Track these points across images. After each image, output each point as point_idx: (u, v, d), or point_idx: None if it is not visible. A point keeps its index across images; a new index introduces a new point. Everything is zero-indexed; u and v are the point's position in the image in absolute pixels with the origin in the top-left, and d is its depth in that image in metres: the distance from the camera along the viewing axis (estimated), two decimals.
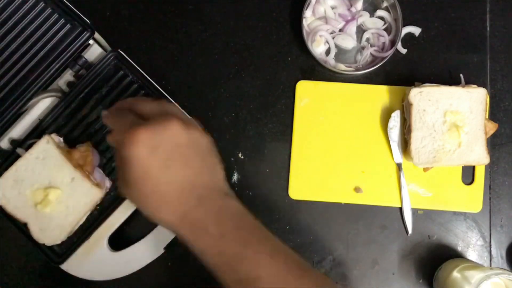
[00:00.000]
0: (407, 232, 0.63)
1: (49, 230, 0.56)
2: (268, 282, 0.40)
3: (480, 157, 0.60)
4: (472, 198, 0.64)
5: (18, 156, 0.57)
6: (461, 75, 0.64)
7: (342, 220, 0.64)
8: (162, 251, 0.61)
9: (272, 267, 0.40)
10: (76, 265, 0.59)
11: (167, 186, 0.40)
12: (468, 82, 0.65)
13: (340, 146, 0.65)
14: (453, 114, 0.60)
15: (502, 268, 0.61)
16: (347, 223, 0.64)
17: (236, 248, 0.40)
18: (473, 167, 0.64)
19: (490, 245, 0.64)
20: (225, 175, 0.44)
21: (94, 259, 0.60)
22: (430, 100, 0.60)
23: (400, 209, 0.64)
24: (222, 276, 0.41)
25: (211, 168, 0.44)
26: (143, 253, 0.61)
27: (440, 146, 0.60)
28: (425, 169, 0.62)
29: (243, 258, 0.40)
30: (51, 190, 0.55)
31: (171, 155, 0.40)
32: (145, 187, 0.40)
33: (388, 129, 0.63)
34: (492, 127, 0.61)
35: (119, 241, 0.61)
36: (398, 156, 0.64)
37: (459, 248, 0.64)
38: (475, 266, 0.58)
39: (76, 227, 0.58)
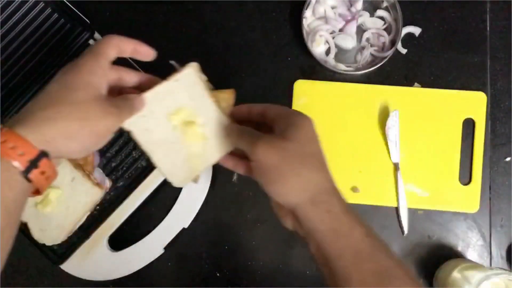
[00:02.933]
0: (403, 232, 0.63)
1: (49, 230, 0.56)
2: (368, 253, 0.41)
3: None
4: (469, 198, 0.64)
5: None
6: (172, 62, 0.55)
7: None
8: (162, 251, 0.61)
9: (369, 243, 0.42)
10: (76, 265, 0.59)
11: (295, 177, 0.42)
12: (468, 82, 0.65)
13: (338, 145, 0.65)
14: (177, 115, 0.49)
15: (502, 268, 0.61)
16: None
17: (346, 228, 0.42)
18: (471, 167, 0.64)
19: (490, 245, 0.64)
20: None
21: (94, 259, 0.60)
22: (146, 116, 0.48)
23: (396, 208, 0.64)
24: (359, 262, 0.41)
25: (328, 177, 0.46)
26: (143, 253, 0.61)
27: (188, 154, 0.50)
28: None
29: (381, 247, 0.42)
30: (52, 190, 0.55)
31: (302, 160, 0.43)
32: (311, 148, 0.45)
33: (386, 128, 0.63)
34: (229, 95, 0.52)
35: (119, 241, 0.61)
36: (395, 156, 0.64)
37: (459, 248, 0.64)
38: (475, 266, 0.58)
39: (76, 227, 0.58)
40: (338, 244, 0.41)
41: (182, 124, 0.49)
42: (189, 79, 0.49)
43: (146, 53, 0.48)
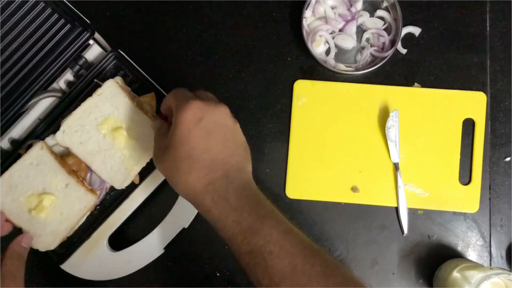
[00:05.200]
0: (402, 232, 0.63)
1: (43, 236, 0.56)
2: (279, 257, 0.41)
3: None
4: (469, 198, 0.64)
5: (18, 156, 0.57)
6: (95, 80, 0.60)
7: (342, 220, 0.64)
8: (162, 251, 0.61)
9: (284, 244, 0.42)
10: (76, 265, 0.59)
11: (201, 153, 0.45)
12: (468, 82, 0.65)
13: (338, 145, 0.65)
14: (105, 124, 0.56)
15: (502, 268, 0.61)
16: (346, 223, 0.64)
17: (252, 221, 0.43)
18: (471, 167, 0.64)
19: (490, 245, 0.64)
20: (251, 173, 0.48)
21: (94, 259, 0.60)
22: (78, 131, 0.56)
23: (396, 208, 0.64)
24: (235, 246, 0.44)
25: (243, 157, 0.48)
26: (143, 253, 0.61)
27: (121, 157, 0.57)
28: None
29: (258, 231, 0.43)
30: (45, 196, 0.55)
31: (213, 130, 0.45)
32: (183, 150, 0.45)
33: (386, 128, 0.63)
34: (150, 98, 0.59)
35: (119, 241, 0.61)
36: (395, 156, 0.64)
37: (459, 248, 0.64)
38: (475, 266, 0.58)
39: (71, 233, 0.58)
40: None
41: (111, 131, 0.56)
42: (111, 91, 0.57)
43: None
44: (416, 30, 0.67)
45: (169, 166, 0.46)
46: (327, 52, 0.67)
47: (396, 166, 0.64)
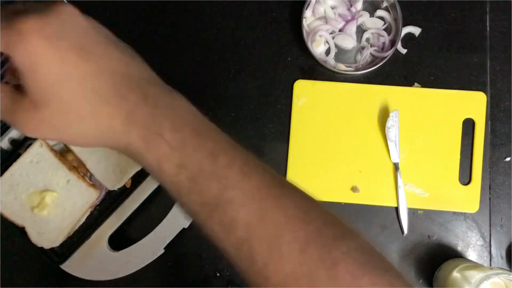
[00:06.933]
0: (402, 232, 0.63)
1: (46, 233, 0.56)
2: (242, 204, 0.31)
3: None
4: (469, 198, 0.64)
5: (18, 156, 0.57)
6: None
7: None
8: (162, 251, 0.61)
9: (246, 185, 0.32)
10: (76, 265, 0.59)
11: (95, 80, 0.30)
12: (468, 82, 0.65)
13: (338, 145, 0.65)
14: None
15: (502, 268, 0.61)
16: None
17: (200, 161, 0.32)
18: (470, 167, 0.64)
19: (490, 245, 0.64)
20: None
21: (94, 259, 0.60)
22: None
23: (396, 208, 0.64)
24: (183, 197, 0.33)
25: (133, 57, 0.34)
26: (143, 253, 0.61)
27: (117, 159, 0.57)
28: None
29: (210, 174, 0.32)
30: (47, 193, 0.56)
31: (82, 43, 0.31)
32: (69, 91, 0.30)
33: (386, 128, 0.63)
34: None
35: (119, 241, 0.61)
36: (395, 156, 0.64)
37: (459, 248, 0.64)
38: (475, 266, 0.58)
39: (74, 229, 0.58)
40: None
41: None
42: None
43: None
44: (416, 30, 0.67)
45: (63, 121, 0.31)
46: (327, 52, 0.67)
47: (396, 166, 0.64)
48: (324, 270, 0.31)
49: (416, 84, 0.66)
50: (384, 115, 0.65)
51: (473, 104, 0.65)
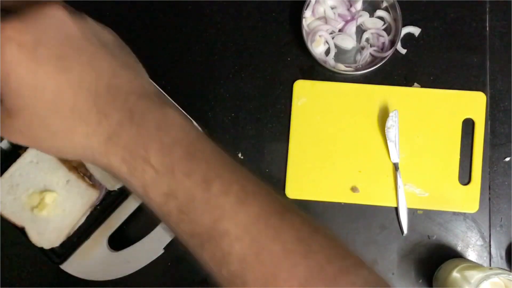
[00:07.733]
0: (402, 232, 0.63)
1: (46, 233, 0.56)
2: (237, 238, 0.29)
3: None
4: (468, 198, 0.64)
5: (18, 156, 0.57)
6: None
7: (341, 220, 0.64)
8: (162, 251, 0.61)
9: (242, 215, 0.29)
10: (76, 265, 0.59)
11: (73, 94, 0.28)
12: (467, 82, 0.65)
13: (337, 145, 0.65)
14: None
15: (501, 268, 0.61)
16: (346, 223, 0.64)
17: (191, 188, 0.29)
18: (470, 167, 0.64)
19: (490, 245, 0.64)
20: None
21: (94, 259, 0.60)
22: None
23: (396, 209, 0.64)
24: (173, 227, 0.31)
25: (130, 66, 0.31)
26: (143, 253, 0.61)
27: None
28: None
29: (202, 204, 0.29)
30: (47, 194, 0.55)
31: (63, 51, 0.28)
32: (42, 104, 0.28)
33: (385, 128, 0.63)
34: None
35: (119, 241, 0.61)
36: (395, 156, 0.64)
37: (459, 248, 0.64)
38: (475, 266, 0.58)
39: (74, 229, 0.58)
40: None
41: None
42: None
43: None
44: (416, 30, 0.67)
45: (39, 135, 0.29)
46: (327, 52, 0.67)
47: (395, 166, 0.64)
48: None
49: (415, 84, 0.66)
50: (383, 115, 0.65)
51: (473, 104, 0.65)
